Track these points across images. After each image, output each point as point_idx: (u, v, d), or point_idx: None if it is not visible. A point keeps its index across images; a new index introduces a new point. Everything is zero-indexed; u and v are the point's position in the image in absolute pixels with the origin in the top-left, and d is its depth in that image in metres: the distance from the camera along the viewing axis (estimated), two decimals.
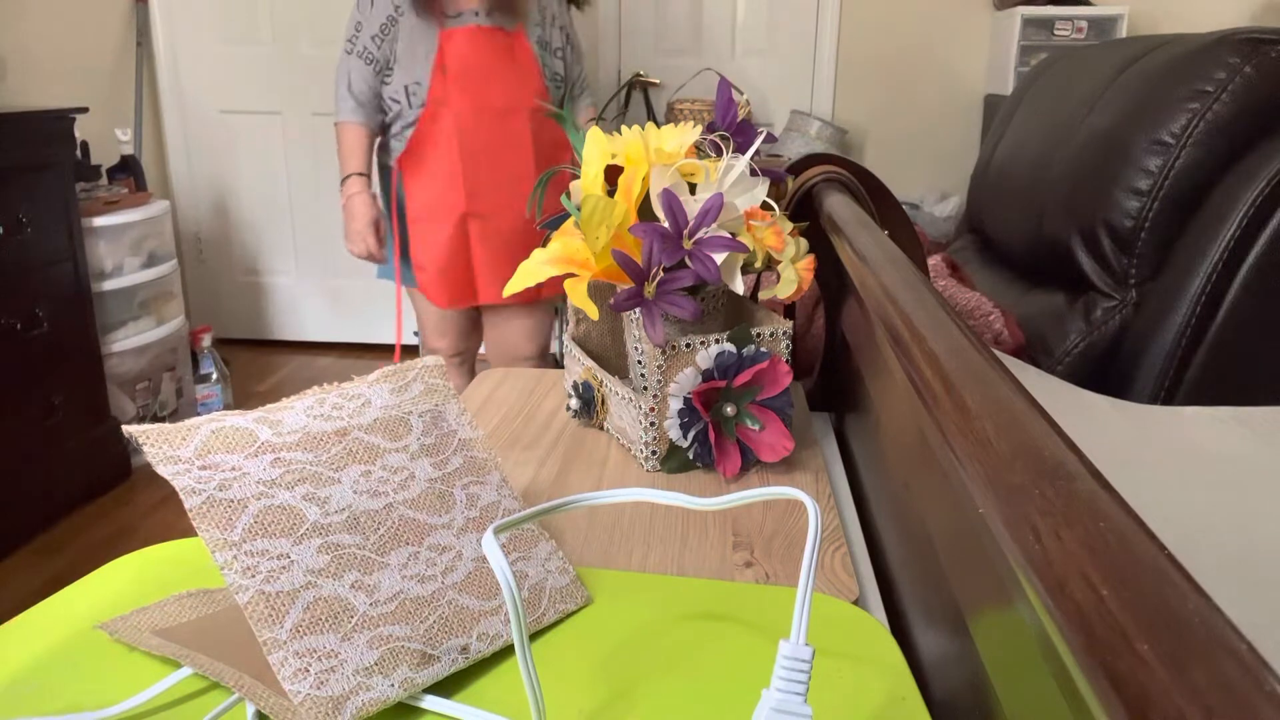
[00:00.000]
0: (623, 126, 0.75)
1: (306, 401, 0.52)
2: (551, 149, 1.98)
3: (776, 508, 0.67)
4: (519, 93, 1.90)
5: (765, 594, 0.55)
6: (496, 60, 1.88)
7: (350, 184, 1.92)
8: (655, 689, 0.46)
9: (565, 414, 0.88)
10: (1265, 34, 1.03)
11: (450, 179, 1.91)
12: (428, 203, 1.94)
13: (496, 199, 1.93)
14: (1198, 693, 0.19)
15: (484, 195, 1.93)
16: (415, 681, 0.45)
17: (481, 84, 1.88)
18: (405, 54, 1.87)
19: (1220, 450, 0.78)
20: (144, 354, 2.68)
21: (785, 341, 0.76)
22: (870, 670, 0.48)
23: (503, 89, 1.89)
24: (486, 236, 1.94)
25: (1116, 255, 1.11)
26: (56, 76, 2.82)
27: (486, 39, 1.86)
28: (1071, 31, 3.11)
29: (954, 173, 3.41)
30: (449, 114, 1.87)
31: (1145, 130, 1.08)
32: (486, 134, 1.90)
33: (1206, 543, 0.59)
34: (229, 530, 0.44)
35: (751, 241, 0.72)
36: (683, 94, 3.32)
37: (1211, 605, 0.22)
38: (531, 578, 0.53)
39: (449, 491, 0.54)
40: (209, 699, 0.45)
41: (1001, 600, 0.37)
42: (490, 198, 1.93)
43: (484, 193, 1.92)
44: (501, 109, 1.90)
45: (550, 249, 0.75)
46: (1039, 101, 1.47)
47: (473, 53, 1.86)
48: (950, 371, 0.41)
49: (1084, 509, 0.27)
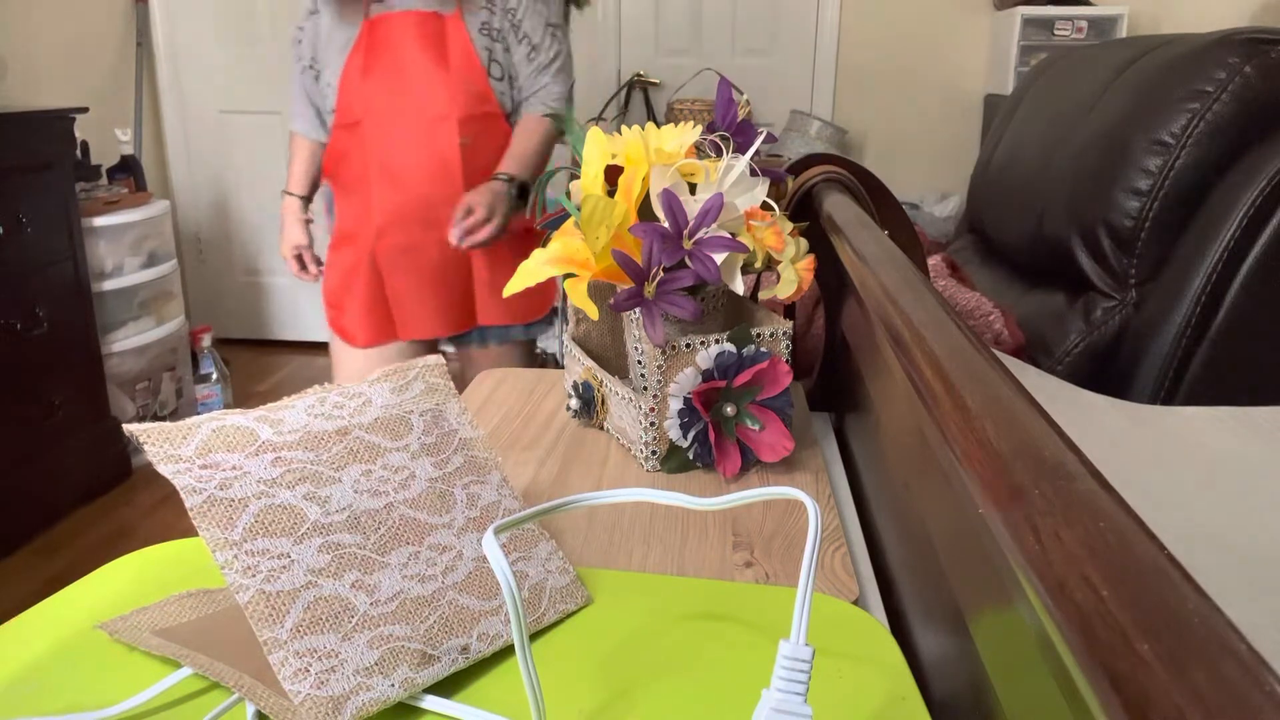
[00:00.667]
0: (623, 126, 0.75)
1: (307, 400, 0.52)
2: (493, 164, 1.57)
3: (776, 508, 0.67)
4: (451, 95, 1.52)
5: (765, 594, 0.55)
6: (424, 54, 1.51)
7: (283, 203, 1.68)
8: (655, 689, 0.46)
9: (565, 414, 0.88)
10: (1265, 34, 1.03)
11: (363, 201, 1.59)
12: (341, 227, 1.65)
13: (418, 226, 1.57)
14: (1198, 693, 0.19)
15: (402, 221, 1.58)
16: (415, 681, 0.45)
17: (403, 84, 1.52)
18: (324, 49, 1.57)
19: (1220, 450, 0.78)
20: (144, 354, 2.68)
21: (785, 341, 0.76)
22: (870, 670, 0.48)
23: (429, 90, 1.52)
24: (404, 269, 1.61)
25: (1116, 255, 1.11)
26: (56, 76, 2.82)
27: (415, 27, 1.50)
28: (1071, 31, 3.11)
29: (954, 173, 3.41)
30: (363, 122, 1.54)
31: (1145, 130, 1.08)
32: (407, 147, 1.54)
33: (1206, 543, 0.59)
34: (229, 529, 0.44)
35: (751, 241, 0.72)
36: (683, 94, 3.32)
37: (1211, 605, 0.22)
38: (532, 578, 0.53)
39: (449, 491, 0.54)
40: (209, 699, 0.45)
41: (1001, 600, 0.37)
42: (410, 225, 1.58)
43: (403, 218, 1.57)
44: (428, 116, 1.53)
45: (550, 249, 0.75)
46: (1039, 101, 1.47)
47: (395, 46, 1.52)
48: (950, 371, 0.41)
49: (1084, 509, 0.27)
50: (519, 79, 1.60)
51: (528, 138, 1.60)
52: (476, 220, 1.47)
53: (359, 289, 1.63)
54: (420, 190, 1.56)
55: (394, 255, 1.60)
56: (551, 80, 1.62)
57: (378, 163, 1.55)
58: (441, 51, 1.52)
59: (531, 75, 1.60)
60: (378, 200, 1.57)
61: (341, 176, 1.63)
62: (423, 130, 1.53)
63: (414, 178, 1.55)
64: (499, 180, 1.53)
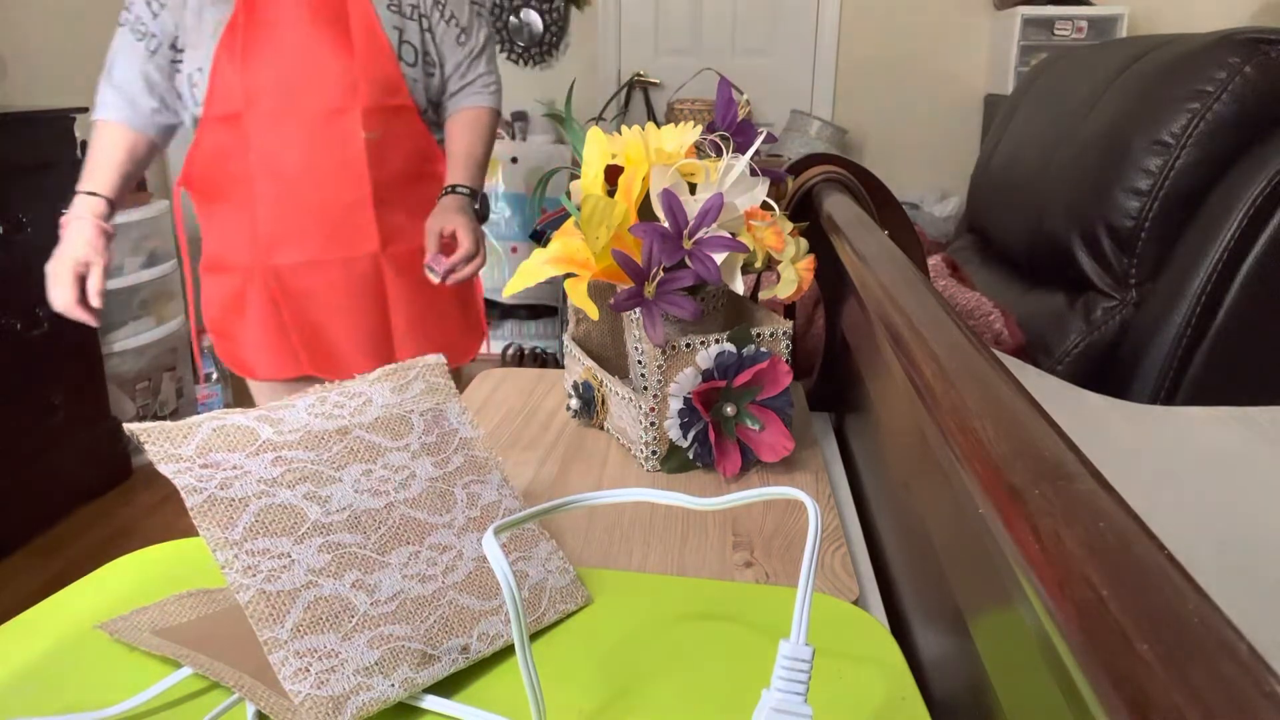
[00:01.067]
0: (623, 126, 0.75)
1: (308, 400, 0.52)
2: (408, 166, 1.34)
3: (776, 508, 0.67)
4: (353, 83, 1.26)
5: (765, 594, 0.55)
6: (320, 34, 1.25)
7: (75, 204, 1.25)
8: (655, 689, 0.46)
9: (565, 414, 0.88)
10: (1265, 34, 1.03)
11: (244, 212, 1.31)
12: (214, 249, 1.37)
13: (317, 240, 1.31)
14: (1197, 693, 0.19)
15: (298, 235, 1.30)
16: (415, 681, 0.45)
17: (294, 70, 1.25)
18: (193, 27, 1.26)
19: (1220, 450, 0.78)
20: (144, 354, 2.68)
21: (785, 341, 0.76)
22: (870, 670, 0.48)
23: (327, 77, 1.25)
24: (304, 294, 1.34)
25: (1116, 255, 1.11)
26: (56, 76, 2.82)
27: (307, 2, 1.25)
28: (1071, 31, 3.11)
29: (954, 173, 3.41)
30: (243, 116, 1.26)
31: (1145, 130, 1.08)
32: (300, 145, 1.27)
33: (1206, 543, 0.59)
34: (230, 529, 0.44)
35: (751, 241, 0.72)
36: (683, 94, 3.32)
37: (1211, 605, 0.22)
38: (532, 577, 0.53)
39: (450, 491, 0.54)
40: (209, 699, 0.45)
41: (1001, 600, 0.37)
42: (307, 239, 1.31)
43: (298, 231, 1.30)
44: (323, 110, 1.26)
45: (550, 249, 0.75)
46: (1039, 101, 1.47)
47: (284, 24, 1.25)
48: (950, 371, 0.41)
49: (1084, 509, 0.27)
50: (446, 66, 1.36)
51: (473, 138, 1.37)
52: (464, 255, 1.26)
53: (251, 317, 1.36)
54: (318, 196, 1.29)
55: (289, 277, 1.32)
56: (486, 69, 1.41)
57: (263, 165, 1.27)
58: (341, 31, 1.26)
59: (465, 63, 1.38)
60: (265, 211, 1.29)
61: (213, 183, 1.31)
62: (319, 125, 1.26)
63: (310, 182, 1.28)
64: (460, 194, 1.32)
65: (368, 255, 1.34)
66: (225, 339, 1.42)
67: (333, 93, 1.26)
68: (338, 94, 1.26)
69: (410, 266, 1.36)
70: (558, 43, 3.67)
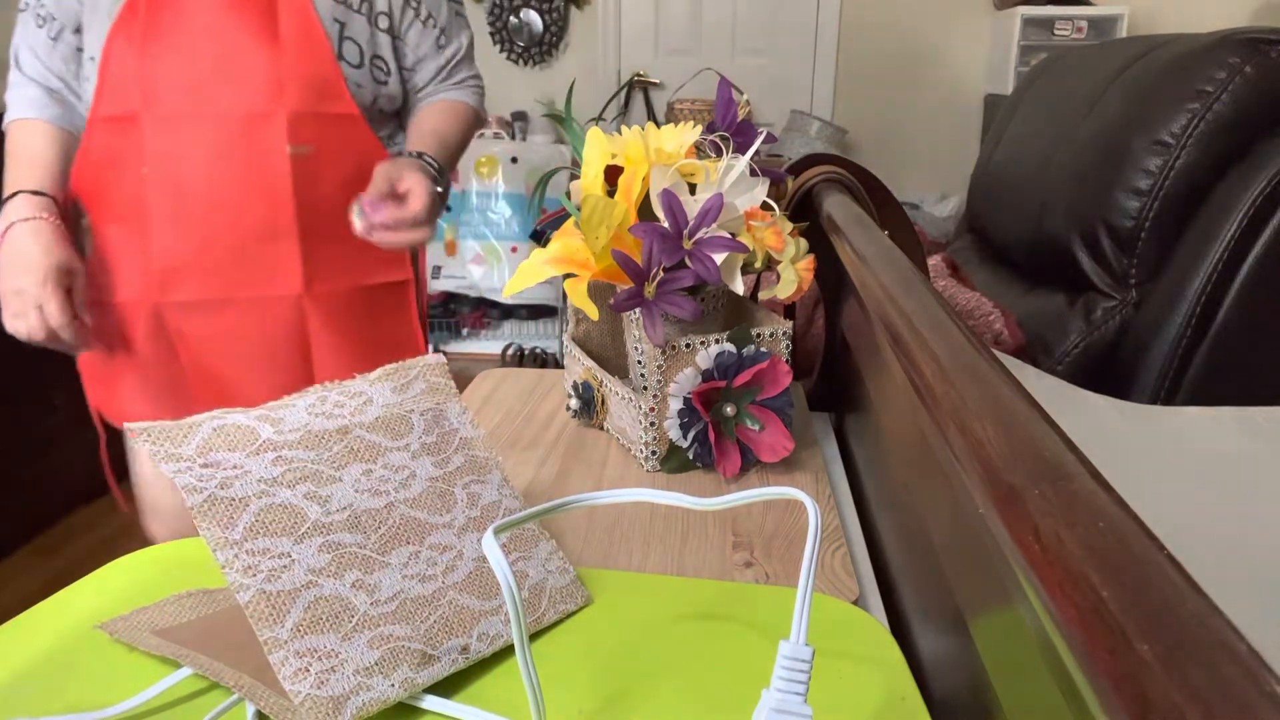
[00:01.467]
0: (623, 126, 0.75)
1: (308, 399, 0.52)
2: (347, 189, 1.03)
3: (776, 508, 0.67)
4: (278, 83, 1.02)
5: (765, 594, 0.55)
6: (237, 22, 1.01)
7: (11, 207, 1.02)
8: (655, 689, 0.46)
9: (565, 414, 0.88)
10: (1265, 34, 1.03)
11: (136, 234, 1.05)
12: (100, 276, 1.09)
13: (223, 274, 1.05)
14: (1197, 693, 0.19)
15: (200, 267, 1.05)
16: (415, 681, 0.45)
17: (204, 64, 1.01)
18: (88, 11, 1.04)
19: (1220, 450, 0.78)
20: None
21: (785, 341, 0.76)
22: (870, 670, 0.48)
23: (245, 74, 1.01)
24: (206, 339, 1.08)
25: (1116, 255, 1.11)
26: None
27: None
28: (1071, 31, 3.11)
29: (954, 173, 3.41)
30: (140, 117, 1.01)
31: (1145, 130, 1.08)
32: (209, 156, 1.02)
33: (1206, 543, 0.59)
34: (230, 529, 0.44)
35: (751, 241, 0.72)
36: (683, 94, 3.32)
37: (1211, 605, 0.22)
38: (532, 578, 0.53)
39: (450, 490, 0.54)
40: (209, 699, 0.46)
41: (1001, 600, 0.37)
42: (211, 273, 1.05)
43: (201, 262, 1.05)
44: (239, 115, 1.01)
45: (550, 249, 0.75)
46: (1039, 101, 1.47)
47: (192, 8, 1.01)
48: (950, 371, 0.41)
49: (1084, 509, 0.27)
50: (420, 72, 1.17)
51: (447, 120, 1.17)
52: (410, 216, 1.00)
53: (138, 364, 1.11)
54: (227, 221, 1.03)
55: (188, 317, 1.07)
56: (470, 73, 1.23)
57: (162, 178, 1.02)
58: (267, 19, 1.02)
59: (448, 67, 1.19)
60: (161, 234, 1.04)
61: (102, 199, 1.07)
62: (233, 132, 1.02)
63: (218, 202, 1.03)
64: (425, 160, 1.08)
65: (287, 296, 1.07)
66: (101, 385, 1.15)
67: (252, 94, 1.01)
68: (258, 96, 1.01)
69: (341, 310, 1.11)
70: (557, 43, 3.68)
